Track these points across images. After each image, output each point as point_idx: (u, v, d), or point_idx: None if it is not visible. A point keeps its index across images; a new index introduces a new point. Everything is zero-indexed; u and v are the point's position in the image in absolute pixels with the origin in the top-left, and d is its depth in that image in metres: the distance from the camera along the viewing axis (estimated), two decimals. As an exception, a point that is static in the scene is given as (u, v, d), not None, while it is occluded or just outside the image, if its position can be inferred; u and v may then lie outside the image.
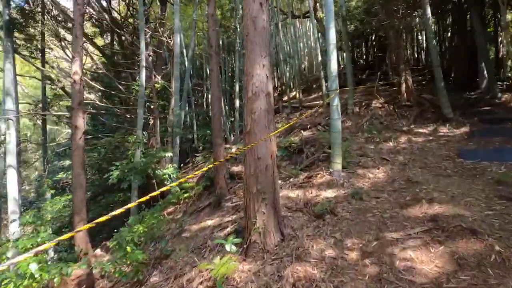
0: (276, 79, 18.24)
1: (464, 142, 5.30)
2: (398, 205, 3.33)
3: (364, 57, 16.92)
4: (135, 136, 6.73)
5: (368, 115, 7.40)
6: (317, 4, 11.51)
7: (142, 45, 7.20)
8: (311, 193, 4.45)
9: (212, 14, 5.46)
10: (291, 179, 5.26)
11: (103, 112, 10.14)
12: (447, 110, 6.68)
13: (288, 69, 15.96)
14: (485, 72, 8.60)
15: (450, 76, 11.04)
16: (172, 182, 6.02)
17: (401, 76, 7.58)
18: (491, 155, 4.26)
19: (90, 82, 9.63)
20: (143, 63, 7.14)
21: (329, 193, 4.22)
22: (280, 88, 17.01)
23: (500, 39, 10.69)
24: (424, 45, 15.03)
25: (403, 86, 7.57)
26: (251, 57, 3.11)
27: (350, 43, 15.63)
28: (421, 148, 5.46)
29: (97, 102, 9.25)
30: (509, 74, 9.67)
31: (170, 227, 5.15)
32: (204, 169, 2.54)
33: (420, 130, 6.48)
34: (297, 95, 15.48)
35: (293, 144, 6.84)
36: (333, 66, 4.83)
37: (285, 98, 13.75)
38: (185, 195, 6.02)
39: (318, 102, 10.95)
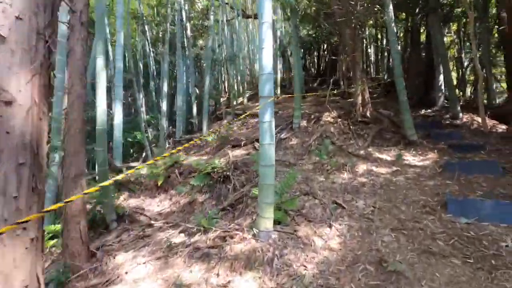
0: (226, 83, 16.35)
1: (440, 179, 3.89)
2: None
3: (316, 64, 15.86)
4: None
5: (318, 131, 5.80)
6: None
7: None
8: (218, 276, 2.50)
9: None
10: (197, 236, 3.26)
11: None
12: (410, 131, 5.38)
13: (234, 72, 14.15)
14: (443, 87, 7.73)
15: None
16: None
17: (356, 86, 6.17)
18: (489, 210, 2.81)
19: None
20: None
21: (246, 283, 2.31)
22: (228, 93, 15.13)
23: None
24: (372, 54, 14.50)
25: (359, 98, 6.17)
26: None
27: (301, 48, 14.51)
28: (386, 185, 3.92)
29: None
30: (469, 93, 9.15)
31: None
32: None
33: (381, 156, 5.03)
34: (244, 101, 13.79)
35: (217, 169, 4.88)
36: (266, 60, 2.99)
37: (234, 103, 11.91)
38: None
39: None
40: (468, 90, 11.46)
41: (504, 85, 10.35)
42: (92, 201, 4.57)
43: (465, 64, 12.07)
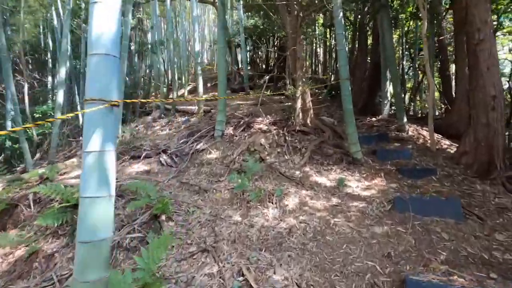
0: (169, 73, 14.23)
1: (390, 224, 2.87)
2: None
3: (265, 59, 14.66)
4: None
5: (245, 143, 4.48)
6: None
7: None
8: None
9: None
10: None
11: None
12: (355, 148, 4.40)
13: (166, 58, 12.24)
14: (389, 94, 7.10)
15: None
16: None
17: (296, 87, 5.01)
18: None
19: None
20: None
21: None
22: (170, 84, 13.23)
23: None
24: (321, 54, 13.86)
25: (299, 102, 5.03)
26: None
27: (249, 39, 13.15)
28: (320, 234, 2.76)
29: None
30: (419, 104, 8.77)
31: None
32: None
33: (319, 180, 3.92)
34: (185, 93, 12.19)
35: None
36: (100, 25, 1.48)
37: (171, 96, 10.13)
38: None
39: (195, 107, 7.65)
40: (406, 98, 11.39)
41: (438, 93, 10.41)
42: None
43: (406, 70, 12.13)
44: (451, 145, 5.57)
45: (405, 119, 5.82)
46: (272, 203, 3.31)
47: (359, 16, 8.76)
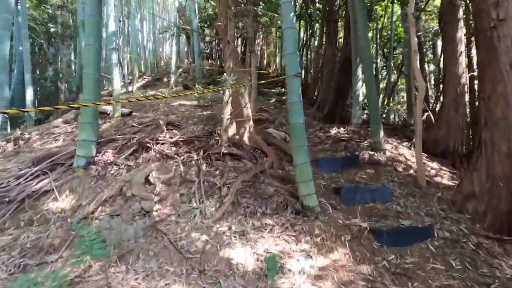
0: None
1: None
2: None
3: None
4: None
5: (121, 181, 2.62)
6: None
7: None
8: None
9: None
10: None
11: None
12: (307, 189, 2.67)
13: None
14: (361, 97, 5.55)
15: (313, 98, 8.06)
16: None
17: (226, 85, 3.23)
18: None
19: None
20: None
21: None
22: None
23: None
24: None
25: (227, 109, 3.23)
26: None
27: (209, 28, 11.18)
28: None
29: None
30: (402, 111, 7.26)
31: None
32: None
33: (238, 255, 2.16)
34: (134, 89, 10.30)
35: None
36: None
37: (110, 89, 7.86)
38: None
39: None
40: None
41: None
42: None
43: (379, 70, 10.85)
44: (440, 171, 4.10)
45: (381, 133, 4.25)
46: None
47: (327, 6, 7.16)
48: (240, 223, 2.53)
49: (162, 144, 3.16)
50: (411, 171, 3.89)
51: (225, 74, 3.28)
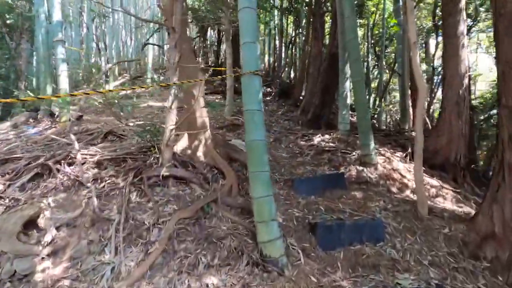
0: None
1: None
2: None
3: (217, 51, 11.73)
4: None
5: None
6: None
7: None
8: None
9: None
10: None
11: None
12: (267, 233, 1.91)
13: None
14: (349, 100, 4.83)
15: (299, 100, 7.30)
16: None
17: (171, 85, 2.44)
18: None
19: None
20: None
21: None
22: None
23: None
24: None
25: (171, 117, 2.44)
26: None
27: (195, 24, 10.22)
28: None
29: None
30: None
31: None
32: None
33: None
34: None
35: None
36: None
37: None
38: None
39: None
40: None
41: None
42: None
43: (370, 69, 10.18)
44: (442, 189, 3.40)
45: (371, 145, 3.52)
46: None
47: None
48: (170, 284, 1.75)
49: (83, 164, 2.34)
50: (408, 192, 3.19)
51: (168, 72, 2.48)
